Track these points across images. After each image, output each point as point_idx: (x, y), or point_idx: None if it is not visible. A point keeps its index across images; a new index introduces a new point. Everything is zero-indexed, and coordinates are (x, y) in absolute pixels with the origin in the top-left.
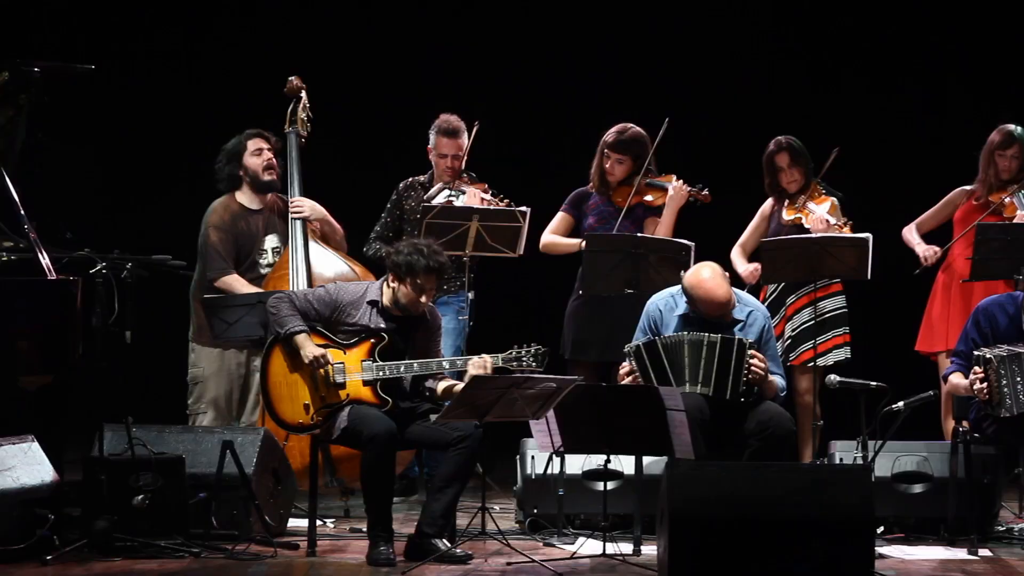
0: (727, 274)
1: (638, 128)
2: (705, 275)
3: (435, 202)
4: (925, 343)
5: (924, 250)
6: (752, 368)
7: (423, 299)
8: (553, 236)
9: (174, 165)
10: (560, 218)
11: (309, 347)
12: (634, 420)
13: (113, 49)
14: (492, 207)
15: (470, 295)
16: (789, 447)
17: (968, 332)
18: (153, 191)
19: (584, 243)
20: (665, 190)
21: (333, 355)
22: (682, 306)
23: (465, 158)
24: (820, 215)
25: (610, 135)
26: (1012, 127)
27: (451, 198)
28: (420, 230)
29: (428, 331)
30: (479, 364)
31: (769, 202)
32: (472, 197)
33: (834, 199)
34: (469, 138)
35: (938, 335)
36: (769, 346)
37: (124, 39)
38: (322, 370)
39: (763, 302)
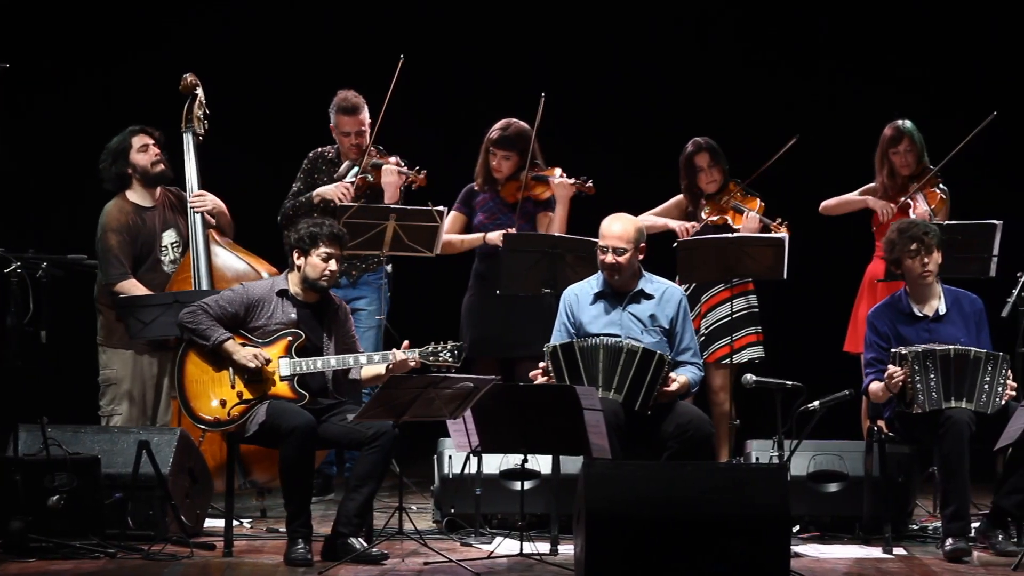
0: (642, 226)
1: (522, 123)
2: (616, 214)
3: (347, 180)
4: (852, 343)
5: (881, 203)
6: (665, 388)
7: (332, 267)
8: (450, 236)
9: (88, 164)
10: (453, 217)
11: (240, 350)
12: (551, 420)
13: (27, 45)
14: (410, 206)
15: (388, 268)
16: (707, 450)
17: (870, 340)
18: (67, 190)
19: (501, 242)
20: (549, 183)
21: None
22: (596, 286)
23: (369, 133)
24: (754, 216)
25: (494, 132)
26: (901, 122)
27: (364, 175)
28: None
29: (339, 321)
30: (403, 355)
31: (681, 198)
32: (390, 175)
33: (758, 198)
34: (389, 89)
35: (863, 334)
36: (687, 324)
37: (38, 37)
38: (250, 364)
39: None
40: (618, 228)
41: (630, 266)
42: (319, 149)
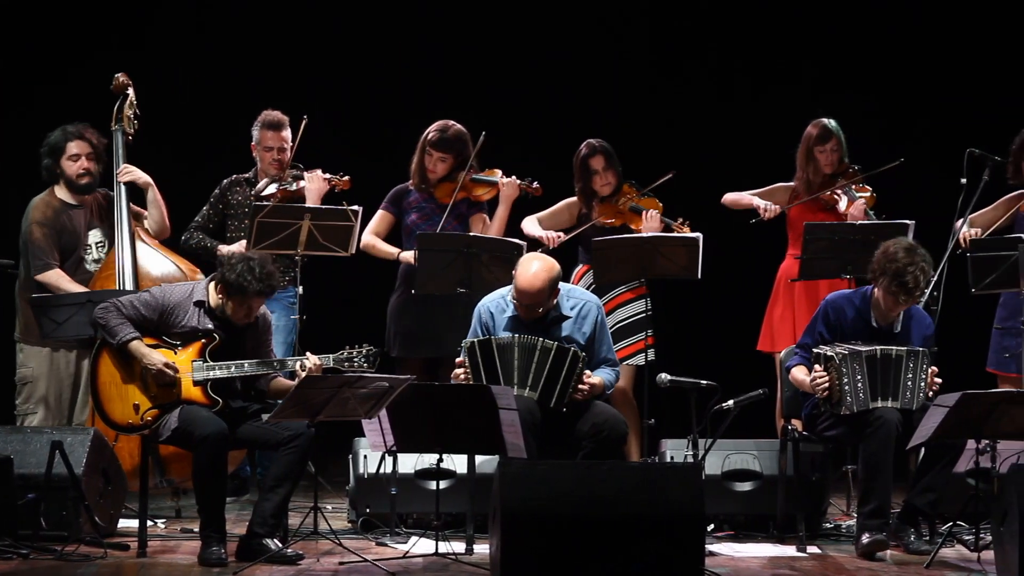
0: (556, 273)
1: (459, 126)
2: (535, 263)
3: (265, 194)
4: (766, 343)
5: (763, 204)
6: (580, 386)
7: (251, 315)
8: (374, 239)
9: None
10: (380, 216)
11: (150, 354)
12: (467, 419)
13: None
14: (326, 205)
15: (299, 290)
16: (623, 449)
17: (816, 324)
18: None
19: (415, 242)
20: (494, 185)
21: (164, 356)
22: (512, 308)
23: (291, 151)
24: (655, 215)
25: (432, 133)
26: (826, 121)
27: (284, 187)
28: (252, 231)
29: (258, 331)
30: (311, 364)
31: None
32: (313, 181)
33: (656, 198)
34: (297, 133)
35: (779, 335)
36: (605, 336)
37: None
38: (154, 369)
39: None
40: (536, 287)
41: (548, 309)
42: (233, 176)
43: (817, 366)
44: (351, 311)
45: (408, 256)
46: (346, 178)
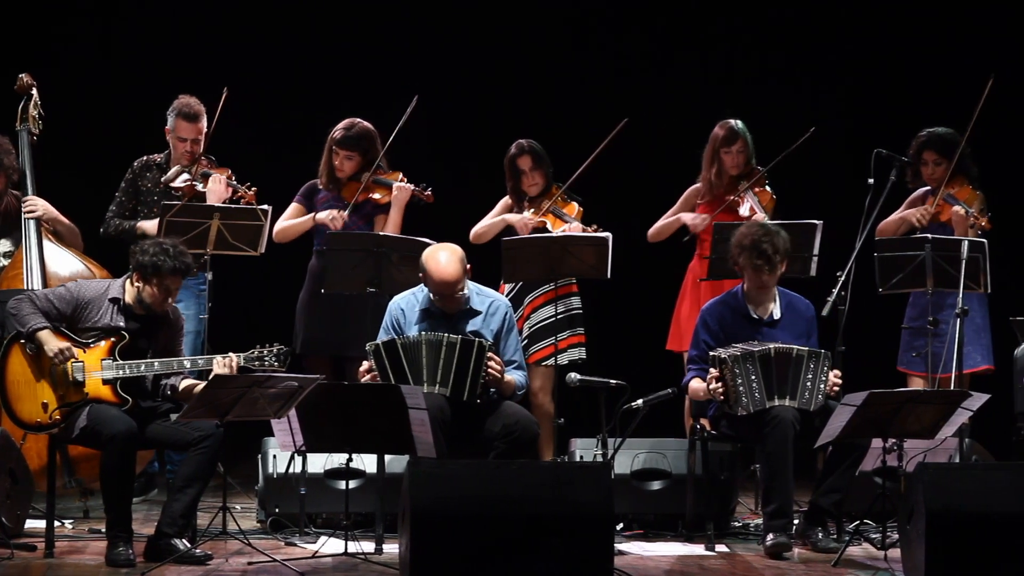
0: (466, 262)
1: (366, 124)
2: (441, 253)
3: (175, 184)
4: (675, 342)
5: (692, 217)
6: (489, 370)
7: (169, 299)
8: (285, 222)
9: None
10: (293, 209)
11: (52, 342)
12: (376, 419)
13: None
14: (234, 205)
15: (208, 276)
16: (534, 449)
17: (698, 335)
18: None
19: (329, 222)
20: (390, 188)
21: (65, 342)
22: (423, 301)
23: (204, 142)
24: (577, 226)
25: (338, 131)
26: (733, 122)
27: (193, 183)
28: (161, 229)
29: (171, 330)
30: (224, 363)
31: (507, 200)
32: (216, 183)
33: (575, 203)
34: (215, 116)
35: (687, 334)
36: (511, 337)
37: None
38: (61, 368)
39: None
40: (449, 273)
41: (461, 296)
42: (144, 158)
43: (712, 369)
44: (259, 309)
45: (323, 216)
46: (252, 191)
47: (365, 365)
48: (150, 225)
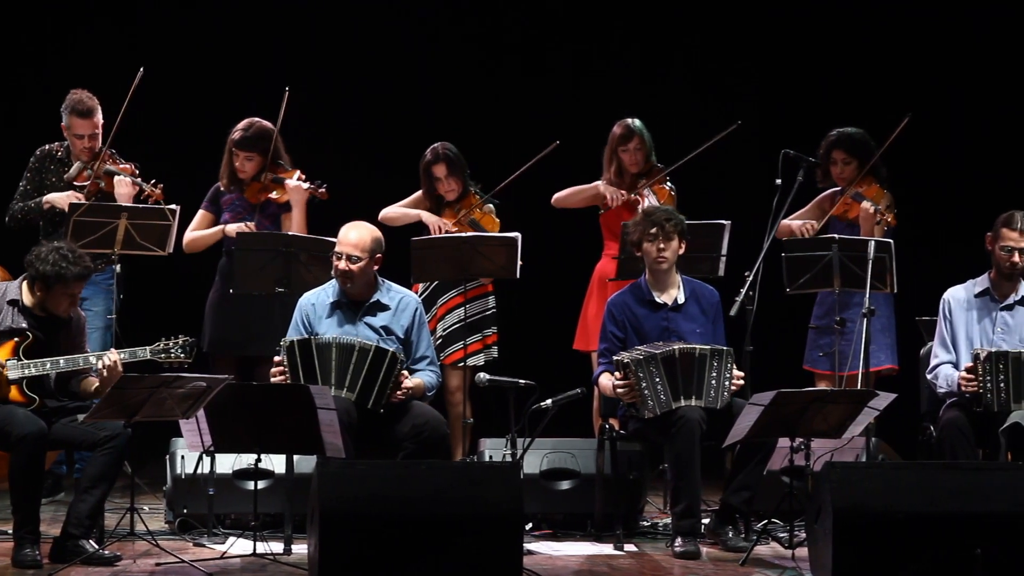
0: (380, 247)
1: (265, 123)
2: (355, 222)
3: (77, 183)
4: (582, 342)
5: (612, 190)
6: (398, 392)
7: (73, 306)
8: (194, 232)
9: None
10: (200, 216)
11: None
12: (285, 419)
13: None
14: (142, 205)
15: (117, 268)
16: (443, 450)
17: (606, 329)
18: None
19: (235, 242)
20: (286, 186)
21: None
22: (333, 295)
23: (102, 135)
24: (484, 226)
25: (236, 132)
26: (630, 121)
27: (96, 180)
28: (68, 229)
29: (73, 329)
30: (105, 361)
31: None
32: (122, 185)
33: (491, 208)
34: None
35: (594, 333)
36: (423, 333)
37: None
38: None
39: None
40: (354, 236)
41: (363, 275)
42: (46, 147)
43: (617, 373)
44: (170, 306)
45: (232, 228)
46: (159, 188)
47: (277, 359)
48: (59, 197)
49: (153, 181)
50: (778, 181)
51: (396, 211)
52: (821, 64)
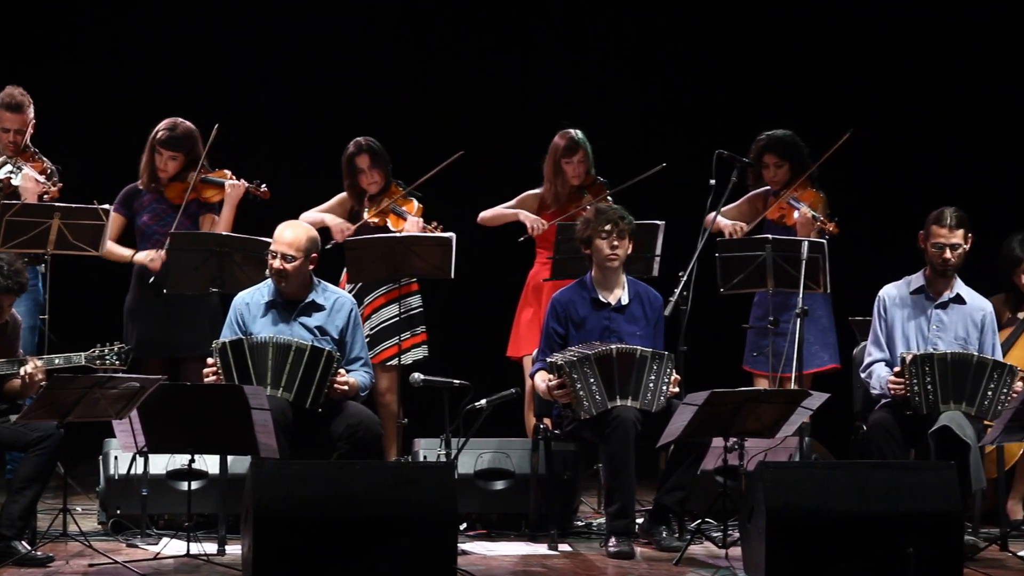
0: (316, 247)
1: (189, 123)
2: (291, 222)
3: None
4: (514, 348)
5: (533, 218)
6: (335, 385)
7: (1, 318)
8: (109, 244)
9: None
10: (112, 219)
11: None
12: (218, 419)
13: None
14: (77, 205)
15: (41, 268)
16: (377, 450)
17: (548, 325)
18: None
19: (148, 263)
20: (222, 186)
21: None
22: (268, 294)
23: (29, 133)
24: (414, 221)
25: (160, 131)
26: (573, 132)
27: (10, 175)
28: None
29: (9, 333)
30: (28, 368)
31: (345, 196)
32: (28, 180)
33: (414, 199)
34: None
35: (525, 340)
36: (358, 334)
37: None
38: None
39: None
40: (289, 235)
41: (298, 274)
42: None
43: (551, 375)
44: (96, 307)
45: (142, 257)
46: (58, 187)
47: (210, 361)
48: None
49: (53, 180)
50: (712, 182)
51: (311, 218)
52: (754, 63)
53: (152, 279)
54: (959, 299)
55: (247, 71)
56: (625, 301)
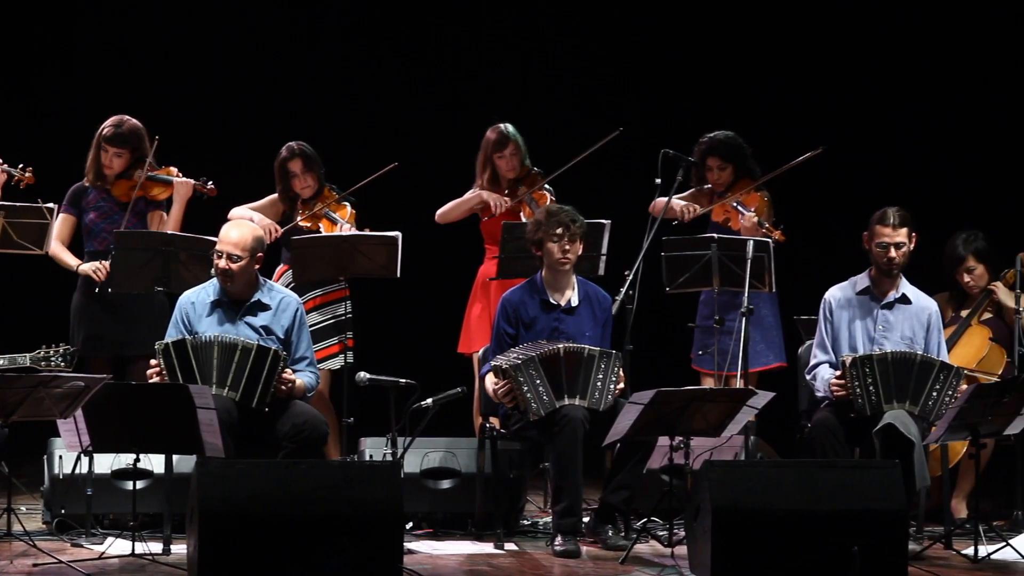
0: (262, 246)
1: (135, 120)
2: (236, 221)
3: None
4: (465, 344)
5: (492, 196)
6: (281, 384)
7: None
8: (58, 247)
9: None
10: (62, 220)
11: None
12: (164, 418)
13: None
14: (20, 204)
15: None
16: (323, 449)
17: (499, 326)
18: None
19: (92, 274)
20: (170, 184)
21: None
22: (212, 294)
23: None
24: (346, 227)
25: (107, 128)
26: (504, 126)
27: None
28: None
29: None
30: None
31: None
32: None
33: (347, 204)
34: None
35: (476, 335)
36: (303, 333)
37: None
38: None
39: None
40: (235, 235)
41: (244, 274)
42: None
43: (497, 378)
44: (39, 310)
45: (87, 269)
46: (28, 171)
47: (153, 362)
48: None
49: (21, 166)
50: (658, 180)
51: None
52: (700, 62)
53: (97, 289)
54: (905, 299)
55: (190, 71)
56: (575, 302)
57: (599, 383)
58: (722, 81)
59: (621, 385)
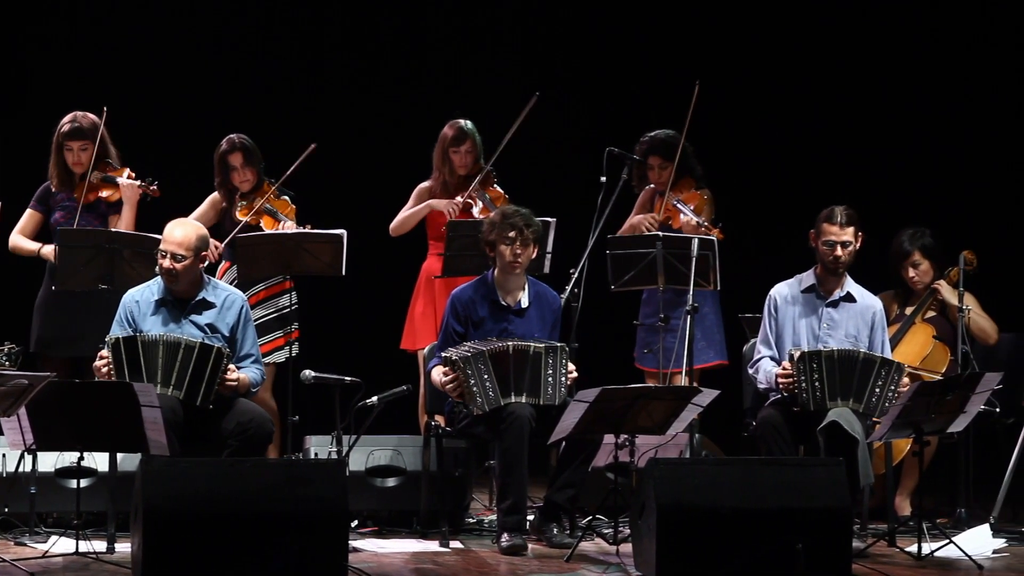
0: (206, 244)
1: (93, 116)
2: (179, 220)
3: None
4: (409, 341)
5: (443, 203)
6: (226, 381)
7: None
8: (19, 238)
9: None
10: (28, 215)
11: None
12: (108, 416)
13: None
14: None
15: None
16: (268, 447)
17: (447, 324)
18: None
19: (55, 238)
20: (115, 183)
21: None
22: (157, 292)
23: None
24: (290, 225)
25: (65, 125)
26: (462, 122)
27: None
28: None
29: None
30: None
31: (216, 196)
32: None
33: (287, 199)
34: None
35: (421, 332)
36: (248, 330)
37: None
38: None
39: None
40: (179, 234)
41: (188, 273)
42: None
43: (447, 369)
44: None
45: (48, 251)
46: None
47: (103, 354)
48: None
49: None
50: (603, 179)
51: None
52: (644, 60)
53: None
54: (849, 297)
55: (130, 67)
56: (525, 304)
57: (550, 379)
58: (668, 78)
59: (574, 374)
